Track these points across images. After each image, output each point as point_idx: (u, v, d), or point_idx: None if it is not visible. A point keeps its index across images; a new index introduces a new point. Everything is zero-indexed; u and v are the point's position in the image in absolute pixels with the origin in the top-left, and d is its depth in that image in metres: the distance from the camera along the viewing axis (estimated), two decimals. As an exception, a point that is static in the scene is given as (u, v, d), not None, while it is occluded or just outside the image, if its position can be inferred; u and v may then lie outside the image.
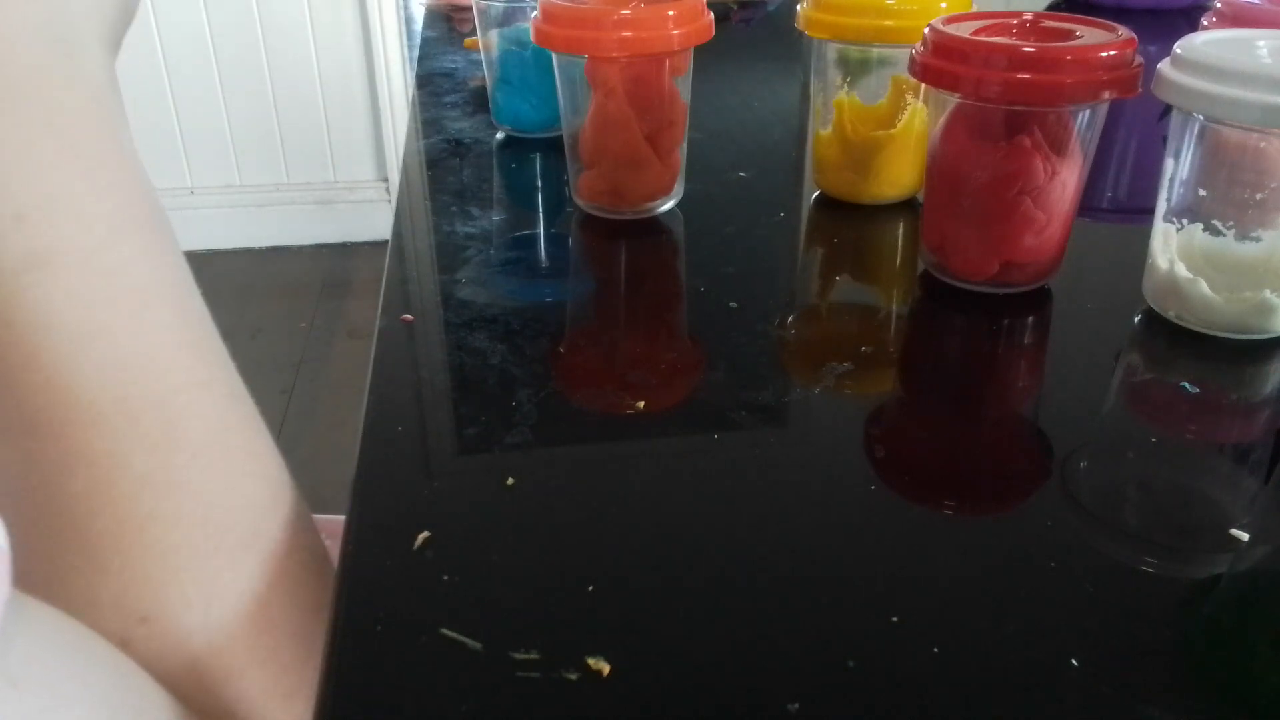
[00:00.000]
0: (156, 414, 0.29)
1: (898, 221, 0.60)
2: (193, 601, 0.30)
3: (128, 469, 0.29)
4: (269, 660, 0.32)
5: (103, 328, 0.28)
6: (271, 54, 2.24)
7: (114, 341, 0.28)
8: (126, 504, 0.29)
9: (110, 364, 0.28)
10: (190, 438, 0.30)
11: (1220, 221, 0.45)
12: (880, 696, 0.28)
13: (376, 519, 0.35)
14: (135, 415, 0.29)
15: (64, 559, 0.29)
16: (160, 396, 0.29)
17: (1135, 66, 0.45)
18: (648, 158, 0.57)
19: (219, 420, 0.31)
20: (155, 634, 0.30)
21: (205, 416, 0.31)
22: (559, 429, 0.40)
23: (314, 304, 2.16)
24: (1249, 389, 0.44)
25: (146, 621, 0.30)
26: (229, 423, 0.32)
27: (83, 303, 0.28)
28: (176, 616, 0.30)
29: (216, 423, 0.31)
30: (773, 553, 0.33)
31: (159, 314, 0.30)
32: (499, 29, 0.72)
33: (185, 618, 0.30)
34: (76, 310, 0.27)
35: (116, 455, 0.29)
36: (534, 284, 0.53)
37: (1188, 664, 0.29)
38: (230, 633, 0.31)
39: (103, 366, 0.28)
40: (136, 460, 0.29)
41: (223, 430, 0.31)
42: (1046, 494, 0.37)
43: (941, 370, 0.46)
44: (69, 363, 0.28)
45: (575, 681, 0.28)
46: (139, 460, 0.29)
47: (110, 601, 0.30)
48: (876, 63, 0.59)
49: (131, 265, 0.29)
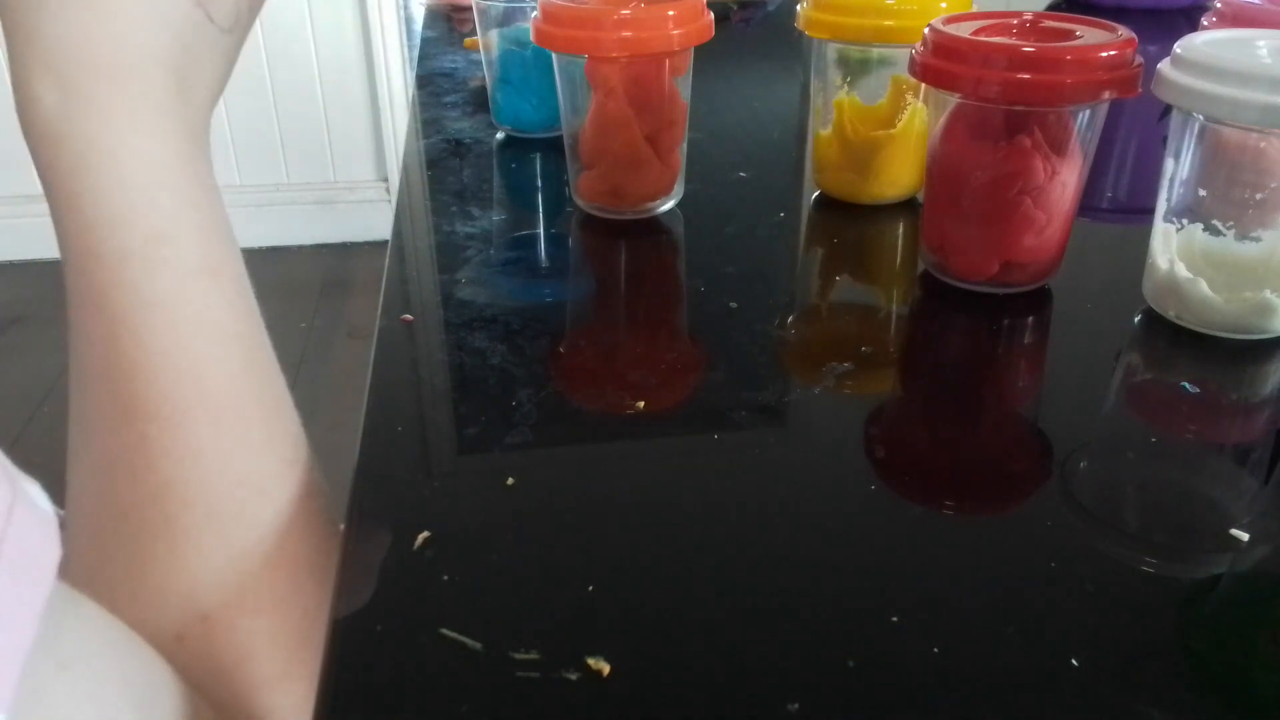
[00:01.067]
0: (263, 424, 0.33)
1: (898, 221, 0.60)
2: (248, 606, 0.31)
3: (228, 468, 0.31)
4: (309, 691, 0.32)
5: (238, 334, 0.32)
6: (271, 54, 2.24)
7: (244, 347, 0.32)
8: (219, 501, 0.31)
9: (237, 368, 0.32)
10: (280, 453, 0.33)
11: (1220, 221, 0.45)
12: (880, 696, 0.28)
13: (376, 519, 0.35)
14: (246, 420, 0.32)
15: (146, 550, 0.31)
16: (270, 406, 0.33)
17: (1135, 66, 0.45)
18: (648, 158, 0.57)
19: (296, 441, 0.35)
20: (211, 633, 0.31)
21: (291, 438, 0.34)
22: (559, 429, 0.40)
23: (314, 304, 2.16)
24: (1249, 389, 0.44)
25: (206, 620, 0.31)
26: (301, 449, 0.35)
27: (233, 313, 0.32)
28: (234, 618, 0.31)
29: (295, 442, 0.34)
30: (773, 552, 0.33)
31: (265, 341, 0.34)
32: (499, 29, 0.72)
33: (240, 620, 0.31)
34: (228, 318, 0.32)
35: (224, 453, 0.31)
36: (534, 284, 0.53)
37: (1188, 664, 0.29)
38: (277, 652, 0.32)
39: (231, 370, 0.32)
40: (240, 461, 0.32)
41: (299, 451, 0.35)
42: (1046, 494, 0.37)
43: (941, 370, 0.46)
44: (208, 360, 0.31)
45: (575, 681, 0.28)
46: (242, 462, 0.32)
47: (179, 596, 0.31)
48: (876, 63, 0.59)
49: (252, 296, 0.34)
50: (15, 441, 1.74)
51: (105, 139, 0.29)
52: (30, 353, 2.01)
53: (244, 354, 0.32)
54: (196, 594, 0.31)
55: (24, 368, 1.96)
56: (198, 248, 0.31)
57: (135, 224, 0.30)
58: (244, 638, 0.31)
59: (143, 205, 0.30)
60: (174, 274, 0.30)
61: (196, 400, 0.31)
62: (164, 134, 0.31)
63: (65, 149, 0.29)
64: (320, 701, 0.28)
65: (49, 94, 0.29)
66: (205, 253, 0.31)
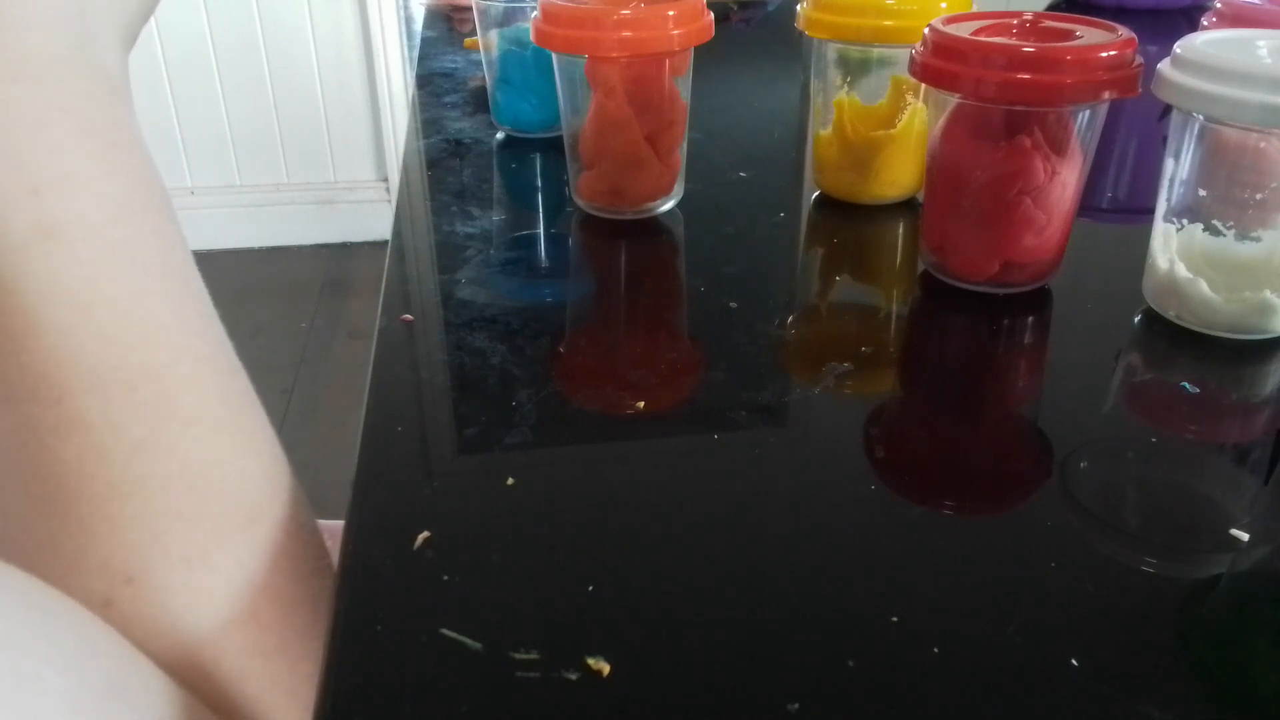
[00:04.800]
0: (153, 384, 0.31)
1: (898, 221, 0.60)
2: (175, 564, 0.31)
3: (122, 435, 0.30)
4: (257, 636, 0.32)
5: (106, 298, 0.30)
6: (271, 54, 2.24)
7: (116, 312, 0.30)
8: (119, 469, 0.30)
9: (111, 333, 0.30)
10: (185, 409, 0.31)
11: (1220, 221, 0.45)
12: (880, 696, 0.28)
13: (376, 519, 0.35)
14: (133, 384, 0.30)
15: (54, 523, 0.30)
16: (158, 367, 0.31)
17: (1135, 66, 0.45)
18: (648, 158, 0.57)
19: (215, 395, 0.33)
20: (140, 594, 0.31)
21: (201, 390, 0.32)
22: (559, 429, 0.40)
23: (314, 304, 2.16)
24: (1249, 389, 0.44)
25: (131, 582, 0.31)
26: (225, 398, 0.33)
27: (89, 273, 0.29)
28: (160, 577, 0.31)
29: (213, 397, 0.32)
30: (773, 553, 0.33)
31: (161, 290, 0.31)
32: (499, 29, 0.72)
33: (168, 579, 0.31)
34: (82, 280, 0.29)
35: (112, 422, 0.30)
36: (534, 284, 0.53)
37: (1188, 664, 0.29)
38: (215, 603, 0.32)
39: (103, 335, 0.30)
40: (131, 428, 0.30)
41: (218, 405, 0.33)
42: (1046, 494, 0.37)
43: (942, 370, 0.46)
44: (72, 330, 0.29)
45: (575, 681, 0.28)
46: (133, 428, 0.30)
47: (97, 564, 0.30)
48: (876, 63, 0.59)
49: (136, 242, 0.30)
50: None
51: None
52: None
53: (118, 315, 0.30)
54: (115, 559, 0.30)
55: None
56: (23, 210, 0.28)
57: None
58: (174, 596, 0.31)
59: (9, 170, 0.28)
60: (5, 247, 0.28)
61: (70, 375, 0.29)
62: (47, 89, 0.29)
63: None
64: (320, 701, 0.28)
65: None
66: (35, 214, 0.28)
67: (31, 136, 0.28)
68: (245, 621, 0.32)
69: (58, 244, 0.29)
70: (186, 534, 0.31)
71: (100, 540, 0.30)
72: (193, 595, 0.31)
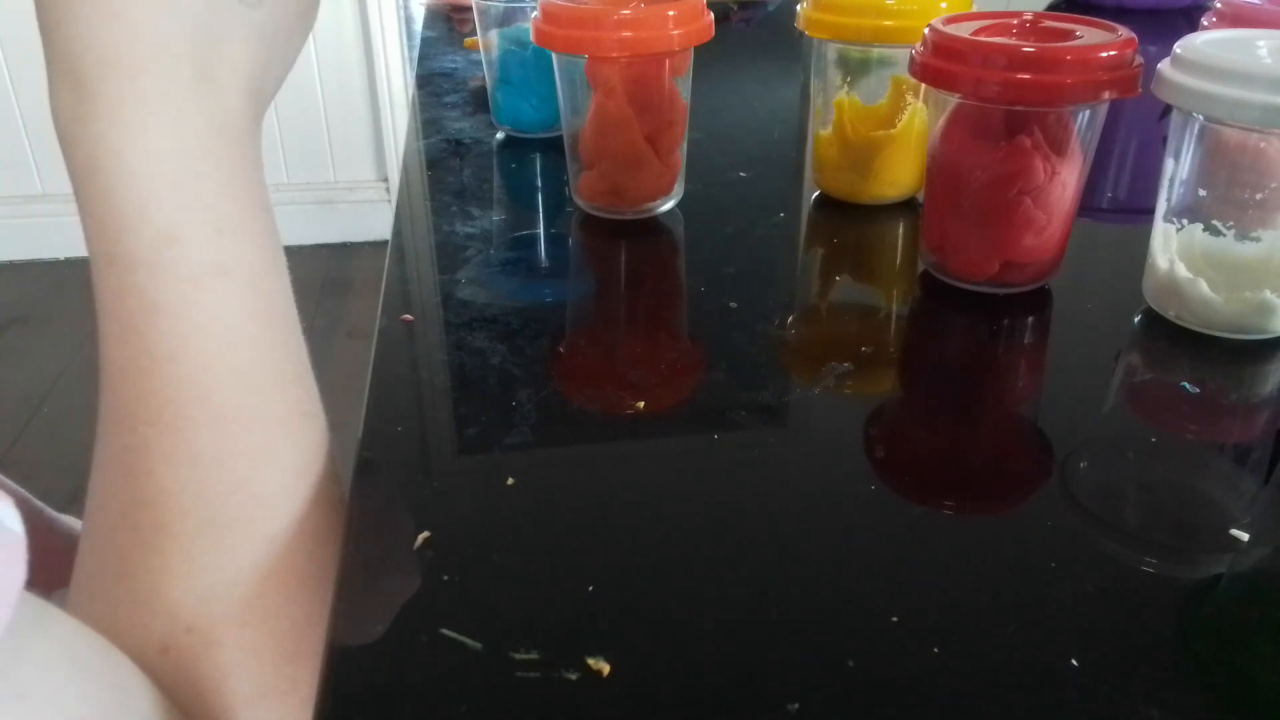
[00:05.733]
0: (264, 431, 0.32)
1: (898, 221, 0.60)
2: (233, 620, 0.31)
3: (227, 475, 0.31)
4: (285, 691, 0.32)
5: (250, 339, 0.31)
6: (271, 54, 2.24)
7: (255, 354, 0.31)
8: (215, 510, 0.30)
9: (245, 374, 0.31)
10: (287, 462, 0.32)
11: (1220, 221, 0.45)
12: (880, 696, 0.28)
13: (377, 519, 0.35)
14: (249, 426, 0.31)
15: (138, 555, 0.30)
16: (272, 416, 0.32)
17: (1135, 66, 0.45)
18: (648, 158, 0.57)
19: (312, 450, 0.34)
20: (195, 646, 0.30)
21: (303, 445, 0.33)
22: (559, 429, 0.40)
23: (314, 304, 2.16)
24: (1249, 389, 0.44)
25: (191, 633, 0.30)
26: (320, 454, 0.34)
27: (244, 315, 0.31)
28: (219, 632, 0.31)
29: (310, 452, 0.33)
30: (773, 553, 0.33)
31: (288, 343, 0.33)
32: (499, 29, 0.72)
33: (223, 634, 0.31)
34: (238, 320, 0.31)
35: (221, 459, 0.30)
36: (534, 284, 0.53)
37: (1188, 664, 0.29)
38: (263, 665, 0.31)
39: (238, 374, 0.31)
40: (237, 468, 0.31)
41: (314, 459, 0.34)
42: (1046, 494, 0.37)
43: (941, 370, 0.46)
44: (213, 364, 0.30)
45: (575, 681, 0.28)
46: (239, 469, 0.31)
47: (166, 606, 0.30)
48: (876, 63, 0.59)
49: (280, 295, 0.33)
50: (15, 442, 1.74)
51: (112, 139, 0.29)
52: (30, 353, 2.01)
53: (253, 359, 0.31)
54: (184, 605, 0.30)
55: (24, 368, 1.96)
56: (208, 247, 0.30)
57: (142, 226, 0.29)
58: (227, 653, 0.31)
59: (150, 206, 0.29)
60: (179, 276, 0.30)
61: (197, 406, 0.30)
62: (177, 129, 0.30)
63: (79, 151, 0.29)
64: (321, 702, 0.28)
65: (66, 95, 0.29)
66: (216, 252, 0.30)
67: (223, 184, 0.31)
68: (284, 692, 0.32)
69: (226, 282, 0.31)
70: (257, 589, 0.31)
71: (176, 581, 0.30)
72: (242, 657, 0.31)
